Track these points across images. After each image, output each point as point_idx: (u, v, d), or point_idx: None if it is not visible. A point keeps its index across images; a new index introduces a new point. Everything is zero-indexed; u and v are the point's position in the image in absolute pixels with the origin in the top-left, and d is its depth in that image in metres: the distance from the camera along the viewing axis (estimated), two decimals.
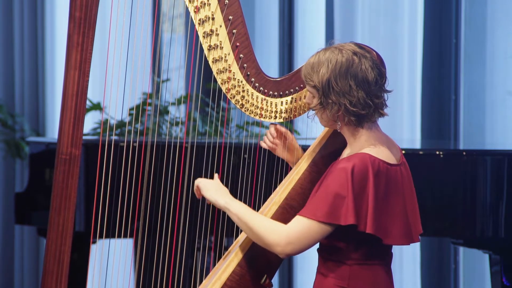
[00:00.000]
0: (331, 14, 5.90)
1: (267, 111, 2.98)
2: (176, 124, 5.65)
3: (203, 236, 4.24)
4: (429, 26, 5.64)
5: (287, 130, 3.04)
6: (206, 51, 2.90)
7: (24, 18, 6.55)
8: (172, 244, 3.31)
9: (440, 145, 5.23)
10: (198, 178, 2.89)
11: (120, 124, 5.39)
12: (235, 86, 2.94)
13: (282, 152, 3.06)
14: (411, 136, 5.67)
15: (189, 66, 2.99)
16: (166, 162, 4.11)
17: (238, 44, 2.91)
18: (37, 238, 6.55)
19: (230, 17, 2.88)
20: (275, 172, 3.09)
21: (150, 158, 3.35)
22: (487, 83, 5.51)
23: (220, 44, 2.90)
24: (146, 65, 5.88)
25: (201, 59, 2.93)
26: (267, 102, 2.98)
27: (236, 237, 3.00)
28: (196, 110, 5.62)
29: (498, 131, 5.48)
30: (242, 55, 2.92)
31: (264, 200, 3.04)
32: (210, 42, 2.89)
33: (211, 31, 2.89)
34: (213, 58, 2.91)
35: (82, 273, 4.48)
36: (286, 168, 3.08)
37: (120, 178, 3.27)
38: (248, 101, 2.97)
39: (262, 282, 2.88)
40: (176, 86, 6.02)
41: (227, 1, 2.87)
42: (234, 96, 2.95)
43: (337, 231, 2.68)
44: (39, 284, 6.55)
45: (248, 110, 2.97)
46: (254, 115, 2.98)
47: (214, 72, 2.92)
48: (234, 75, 2.93)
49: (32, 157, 4.77)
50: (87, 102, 5.72)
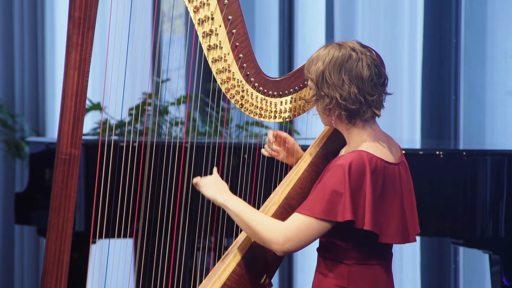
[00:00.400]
0: (331, 14, 5.90)
1: (267, 111, 2.99)
2: (176, 124, 5.65)
3: (203, 236, 4.24)
4: (429, 26, 5.64)
5: (287, 135, 3.04)
6: (205, 51, 2.90)
7: (24, 18, 6.55)
8: (172, 244, 3.31)
9: (440, 145, 5.23)
10: (196, 177, 2.89)
11: (120, 124, 5.39)
12: (234, 86, 2.95)
13: (285, 157, 3.06)
14: (411, 136, 5.67)
15: (188, 66, 2.99)
16: (166, 162, 4.11)
17: (237, 44, 2.91)
18: (37, 238, 6.55)
19: (230, 17, 2.89)
20: (274, 172, 3.09)
21: (150, 158, 3.35)
22: (487, 83, 5.51)
23: (220, 44, 2.90)
24: (146, 65, 5.88)
25: (201, 59, 2.93)
26: (266, 102, 2.98)
27: (236, 237, 3.00)
28: (196, 110, 5.62)
29: (498, 131, 5.48)
30: (241, 55, 2.92)
31: (264, 200, 3.04)
32: (209, 42, 2.90)
33: (211, 31, 2.89)
34: (212, 58, 2.91)
35: (82, 273, 4.48)
36: (286, 168, 3.08)
37: (120, 178, 3.27)
38: (248, 101, 2.97)
39: (262, 282, 2.88)
40: (176, 86, 6.02)
41: (227, 1, 2.87)
42: (234, 96, 2.96)
43: (335, 229, 2.68)
44: (39, 284, 6.55)
45: (247, 110, 2.98)
46: (254, 115, 2.98)
47: (214, 72, 2.92)
48: (233, 75, 2.93)
49: (32, 157, 4.77)
50: (87, 102, 5.72)
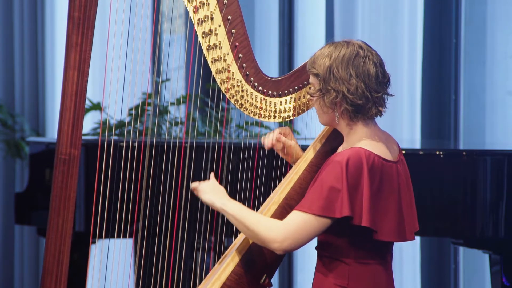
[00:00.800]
0: (331, 14, 5.90)
1: (267, 110, 2.99)
2: (176, 124, 5.65)
3: (203, 236, 4.24)
4: (429, 26, 5.64)
5: (287, 137, 3.04)
6: (205, 51, 2.90)
7: (24, 18, 6.55)
8: (172, 244, 3.31)
9: (440, 145, 5.24)
10: (194, 182, 2.89)
11: (120, 124, 5.39)
12: (234, 86, 2.95)
13: (284, 154, 3.06)
14: (411, 136, 5.67)
15: (188, 66, 3.00)
16: (166, 162, 4.11)
17: (237, 43, 2.91)
18: (37, 238, 6.55)
19: (229, 17, 2.89)
20: (274, 171, 3.09)
21: (150, 158, 3.35)
22: (487, 83, 5.51)
23: (219, 43, 2.90)
24: (146, 65, 5.88)
25: (200, 59, 2.93)
26: (266, 102, 2.98)
27: (236, 237, 2.99)
28: (196, 110, 5.62)
29: (498, 131, 5.48)
30: (241, 55, 2.92)
31: (264, 199, 3.04)
32: (209, 42, 2.90)
33: (210, 30, 2.89)
34: (212, 58, 2.91)
35: (82, 273, 4.48)
36: (286, 168, 3.08)
37: (120, 178, 3.27)
38: (247, 100, 2.97)
39: (262, 281, 2.88)
40: (175, 86, 6.02)
41: (226, 1, 2.87)
42: (233, 96, 2.95)
43: (334, 227, 2.68)
44: (39, 284, 6.55)
45: (247, 110, 2.98)
46: (254, 115, 2.98)
47: (213, 72, 2.92)
48: (233, 75, 2.93)
49: (32, 157, 4.77)
50: (87, 102, 5.72)
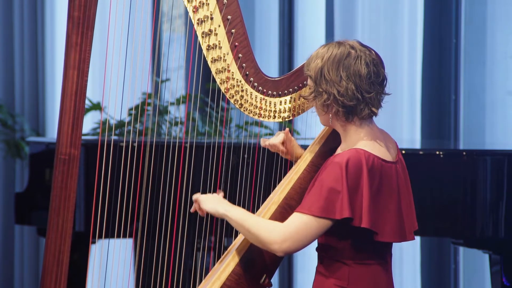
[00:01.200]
0: (331, 14, 5.90)
1: (266, 110, 2.99)
2: (176, 124, 5.65)
3: (203, 236, 4.24)
4: (429, 26, 5.64)
5: (288, 135, 3.04)
6: (205, 51, 2.90)
7: (24, 18, 6.55)
8: (172, 244, 3.31)
9: (440, 145, 5.24)
10: (195, 194, 2.90)
11: (120, 124, 5.39)
12: (234, 86, 2.94)
13: (284, 154, 3.07)
14: (411, 136, 5.67)
15: (188, 66, 2.99)
16: (166, 162, 4.11)
17: (236, 43, 2.91)
18: (37, 238, 6.55)
19: (229, 16, 2.89)
20: (274, 171, 3.09)
21: (150, 158, 3.35)
22: (487, 83, 5.51)
23: (219, 43, 2.90)
24: (146, 65, 5.88)
25: (200, 59, 2.93)
26: (266, 102, 2.98)
27: (236, 237, 2.99)
28: (196, 110, 5.62)
29: (498, 131, 5.48)
30: (240, 55, 2.92)
31: (264, 199, 3.04)
32: (209, 42, 2.90)
33: (210, 30, 2.89)
34: (212, 58, 2.91)
35: (82, 273, 4.48)
36: (286, 168, 3.08)
37: (119, 178, 3.27)
38: (247, 100, 2.97)
39: (262, 281, 2.88)
40: (175, 86, 6.02)
41: (226, 0, 2.87)
42: (233, 96, 2.95)
43: (334, 229, 2.68)
44: (39, 284, 6.55)
45: (247, 109, 2.98)
46: (253, 115, 2.98)
47: (213, 72, 2.92)
48: (233, 75, 2.93)
49: (32, 157, 4.77)
50: (87, 102, 5.72)
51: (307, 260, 6.04)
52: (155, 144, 3.99)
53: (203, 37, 2.89)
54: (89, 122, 5.97)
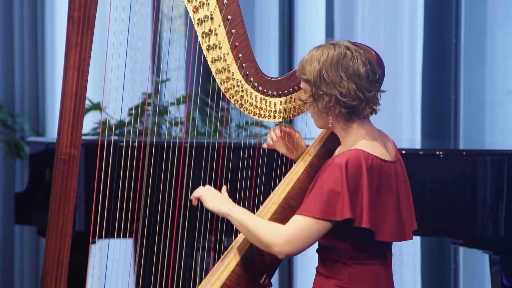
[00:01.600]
0: (331, 14, 5.90)
1: (266, 110, 2.98)
2: (176, 124, 5.65)
3: (203, 236, 4.24)
4: (429, 26, 5.64)
5: (291, 129, 3.04)
6: (205, 51, 2.90)
7: (24, 18, 6.55)
8: (172, 244, 3.31)
9: (440, 145, 5.23)
10: (195, 191, 2.89)
11: (120, 124, 5.39)
12: (234, 86, 2.94)
13: (288, 152, 3.06)
14: (411, 136, 5.67)
15: (188, 66, 2.99)
16: (166, 162, 4.11)
17: (237, 43, 2.91)
18: (37, 238, 6.55)
19: (229, 17, 2.89)
20: (274, 171, 3.09)
21: (150, 158, 3.35)
22: (487, 83, 5.51)
23: (219, 43, 2.90)
24: (146, 65, 5.88)
25: (200, 59, 2.93)
26: (266, 102, 2.98)
27: (236, 236, 2.99)
28: (196, 110, 5.62)
29: (498, 131, 5.48)
30: (241, 55, 2.92)
31: (264, 199, 3.04)
32: (209, 42, 2.90)
33: (210, 30, 2.89)
34: (212, 58, 2.91)
35: (82, 273, 4.48)
36: (286, 168, 3.07)
37: (120, 178, 3.27)
38: (247, 100, 2.97)
39: (262, 281, 2.88)
40: (175, 86, 6.02)
41: (226, 1, 2.87)
42: (233, 96, 2.95)
43: (334, 229, 2.68)
44: (39, 284, 6.55)
45: (247, 110, 2.97)
46: (253, 115, 2.98)
47: (213, 72, 2.92)
48: (233, 75, 2.93)
49: (32, 157, 4.77)
50: (87, 102, 5.72)
51: (307, 260, 6.04)
52: (155, 144, 3.99)
53: (203, 37, 2.89)
54: (89, 122, 5.97)
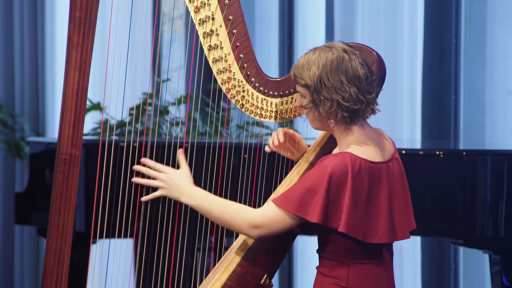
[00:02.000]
0: (331, 14, 5.91)
1: (267, 111, 2.98)
2: (176, 124, 5.65)
3: (203, 236, 4.24)
4: (429, 26, 5.64)
5: (294, 132, 3.04)
6: (206, 51, 2.90)
7: (24, 18, 6.55)
8: (172, 244, 3.31)
9: (440, 145, 5.24)
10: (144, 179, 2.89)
11: (120, 124, 5.39)
12: (235, 86, 2.94)
13: (290, 154, 3.05)
14: (411, 136, 5.67)
15: (189, 66, 2.99)
16: (166, 162, 4.11)
17: (238, 44, 2.91)
18: (37, 238, 6.55)
19: (230, 17, 2.88)
20: (275, 172, 3.09)
21: (151, 158, 3.34)
22: (487, 83, 5.51)
23: (220, 44, 2.90)
24: (146, 65, 5.88)
25: (201, 59, 2.93)
26: (267, 102, 2.98)
27: (237, 237, 2.99)
28: (196, 110, 5.61)
29: (498, 131, 5.49)
30: (242, 55, 2.92)
31: (264, 200, 3.04)
32: (210, 42, 2.89)
33: (211, 31, 2.89)
34: (213, 58, 2.91)
35: (82, 273, 4.48)
36: (287, 168, 3.07)
37: (120, 178, 3.27)
38: (248, 101, 2.97)
39: (262, 282, 2.88)
40: (176, 86, 6.02)
41: (227, 1, 2.87)
42: (234, 96, 2.95)
43: (332, 231, 2.69)
44: (39, 284, 6.55)
45: (248, 110, 2.97)
46: (254, 115, 2.98)
47: (214, 72, 2.92)
48: (234, 75, 2.93)
49: (32, 157, 4.77)
50: (87, 102, 5.71)
51: (307, 260, 6.04)
52: (155, 144, 3.98)
53: (204, 37, 2.89)
54: (89, 122, 5.97)
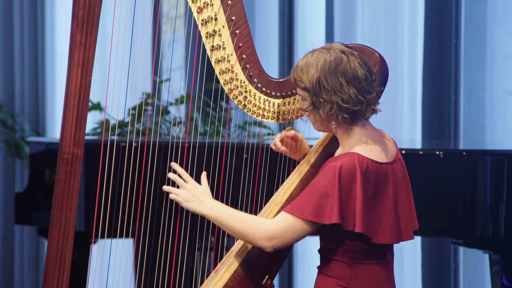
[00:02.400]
0: (331, 14, 5.91)
1: (270, 111, 2.98)
2: (177, 124, 5.65)
3: (204, 236, 4.24)
4: (429, 26, 5.65)
5: (296, 132, 3.04)
6: (209, 52, 2.90)
7: (24, 18, 6.55)
8: (173, 244, 3.31)
9: (440, 145, 5.24)
10: (175, 189, 2.86)
11: (121, 124, 5.39)
12: (237, 87, 2.94)
13: (292, 154, 3.06)
14: (411, 136, 5.67)
15: (189, 66, 2.99)
16: (167, 162, 4.11)
17: (240, 44, 2.91)
18: (37, 238, 6.54)
19: (233, 17, 2.88)
20: (276, 172, 3.09)
21: (151, 158, 3.35)
22: (487, 83, 5.52)
23: (223, 44, 2.90)
24: (147, 65, 5.88)
25: (202, 59, 2.93)
26: (269, 103, 2.98)
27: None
28: (197, 111, 5.62)
29: (498, 131, 5.49)
30: (244, 56, 2.91)
31: (266, 200, 3.04)
32: (213, 43, 2.89)
33: (214, 31, 2.89)
34: (215, 59, 2.91)
35: (82, 273, 4.48)
36: (288, 169, 3.07)
37: (121, 178, 3.28)
38: (251, 101, 2.97)
39: (264, 282, 2.88)
40: (176, 86, 6.03)
41: (230, 1, 2.87)
42: (237, 97, 2.95)
43: (334, 231, 2.69)
44: (39, 284, 6.55)
45: (250, 110, 2.97)
46: (257, 116, 2.98)
47: (217, 73, 2.92)
48: (236, 76, 2.93)
49: (32, 157, 4.77)
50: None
51: (307, 260, 6.04)
52: (156, 144, 3.99)
53: (207, 37, 2.88)
54: (89, 122, 5.96)
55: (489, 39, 5.48)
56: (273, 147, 3.04)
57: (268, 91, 2.96)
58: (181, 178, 2.84)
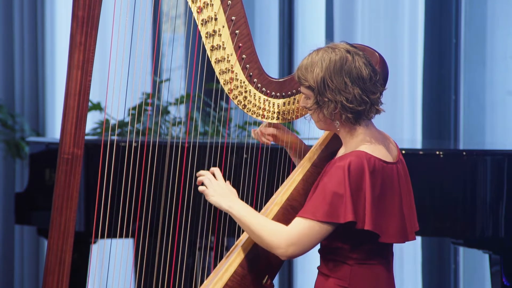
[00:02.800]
0: (331, 14, 5.91)
1: (270, 111, 2.98)
2: (177, 124, 5.65)
3: (204, 236, 4.25)
4: (429, 26, 5.65)
5: (273, 129, 3.03)
6: (208, 52, 2.90)
7: (24, 18, 6.55)
8: (173, 244, 3.31)
9: (440, 145, 5.24)
10: (205, 179, 2.85)
11: (121, 124, 5.39)
12: (237, 87, 2.94)
13: (291, 153, 3.06)
14: (411, 136, 5.67)
15: (189, 66, 2.99)
16: (167, 162, 4.11)
17: (240, 44, 2.91)
18: (37, 238, 6.55)
19: (233, 17, 2.88)
20: (276, 172, 3.09)
21: (151, 158, 3.35)
22: (487, 83, 5.52)
23: (223, 44, 2.90)
24: (147, 64, 5.88)
25: (202, 59, 2.93)
26: (269, 103, 2.98)
27: (238, 237, 3.00)
28: (197, 111, 5.62)
29: (498, 131, 5.49)
30: (244, 56, 2.92)
31: (266, 200, 3.04)
32: (213, 43, 2.89)
33: (214, 31, 2.89)
34: (215, 59, 2.91)
35: (83, 273, 4.49)
36: (288, 168, 3.08)
37: (121, 178, 3.28)
38: (250, 101, 2.97)
39: (264, 282, 2.88)
40: (176, 86, 6.03)
41: (230, 1, 2.87)
42: (237, 97, 2.95)
43: (336, 230, 2.69)
44: (39, 284, 6.55)
45: (250, 110, 2.97)
46: (256, 116, 2.98)
47: (217, 73, 2.92)
48: (236, 76, 2.93)
49: (32, 157, 4.77)
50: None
51: (307, 260, 6.04)
52: (156, 143, 3.99)
53: (207, 37, 2.88)
54: (89, 122, 5.96)
55: (489, 39, 5.48)
56: (253, 135, 3.05)
57: (268, 91, 2.96)
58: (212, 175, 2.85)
